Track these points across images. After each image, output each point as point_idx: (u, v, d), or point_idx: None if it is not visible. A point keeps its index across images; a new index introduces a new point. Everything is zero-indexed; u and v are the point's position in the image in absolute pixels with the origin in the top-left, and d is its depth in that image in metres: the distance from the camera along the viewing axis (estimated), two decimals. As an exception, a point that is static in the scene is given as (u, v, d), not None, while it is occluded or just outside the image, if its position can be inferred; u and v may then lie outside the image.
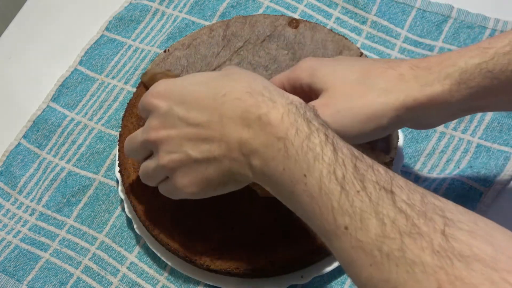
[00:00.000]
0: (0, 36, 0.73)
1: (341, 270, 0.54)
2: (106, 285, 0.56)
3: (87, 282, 0.57)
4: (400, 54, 0.65)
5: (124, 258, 0.57)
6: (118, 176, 0.57)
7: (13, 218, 0.61)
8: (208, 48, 0.59)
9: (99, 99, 0.66)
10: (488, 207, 0.56)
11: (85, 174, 0.62)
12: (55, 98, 0.67)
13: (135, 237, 0.58)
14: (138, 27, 0.70)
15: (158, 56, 0.60)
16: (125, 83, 0.67)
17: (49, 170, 0.63)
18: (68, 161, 0.63)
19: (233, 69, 0.44)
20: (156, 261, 0.57)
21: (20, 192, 0.62)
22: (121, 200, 0.60)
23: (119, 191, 0.58)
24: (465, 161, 0.58)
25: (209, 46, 0.59)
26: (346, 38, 0.59)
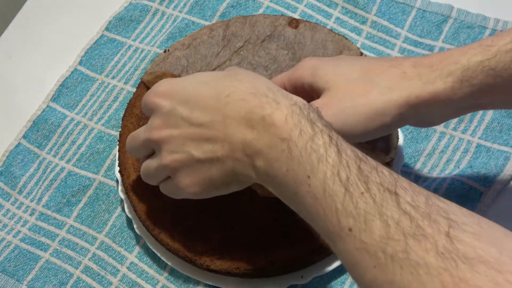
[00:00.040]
0: (0, 36, 0.73)
1: (341, 270, 0.54)
2: (106, 285, 0.56)
3: (87, 282, 0.57)
4: (400, 54, 0.65)
5: (124, 258, 0.57)
6: (118, 176, 0.57)
7: (13, 218, 0.61)
8: (208, 48, 0.59)
9: (99, 99, 0.66)
10: (488, 207, 0.56)
11: (85, 174, 0.62)
12: (55, 98, 0.67)
13: (135, 237, 0.58)
14: (138, 27, 0.70)
15: (158, 56, 0.60)
16: (125, 83, 0.67)
17: (49, 170, 0.63)
18: (68, 161, 0.63)
19: (236, 70, 0.44)
20: (156, 261, 0.57)
21: (20, 192, 0.62)
22: (121, 200, 0.60)
23: (119, 191, 0.58)
24: (465, 161, 0.58)
25: (209, 46, 0.59)
26: (346, 38, 0.59)
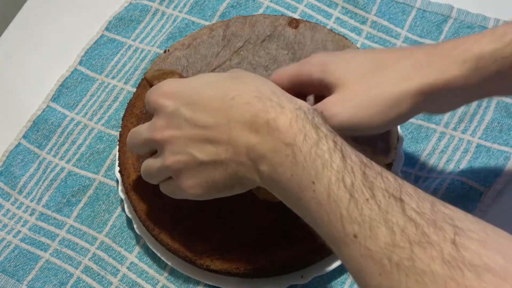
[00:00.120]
0: (0, 36, 0.73)
1: (341, 270, 0.54)
2: (106, 285, 0.56)
3: (87, 282, 0.57)
4: (400, 54, 0.65)
5: (124, 258, 0.57)
6: (118, 176, 0.57)
7: (13, 218, 0.61)
8: (208, 48, 0.59)
9: (99, 99, 0.66)
10: (488, 207, 0.56)
11: (85, 174, 0.62)
12: (55, 98, 0.67)
13: (135, 237, 0.58)
14: (138, 27, 0.70)
15: (158, 57, 0.60)
16: (125, 83, 0.67)
17: (49, 170, 0.63)
18: (68, 161, 0.63)
19: (241, 72, 0.44)
20: (156, 261, 0.57)
21: (20, 192, 0.62)
22: (121, 200, 0.60)
23: (119, 191, 0.58)
24: (465, 161, 0.58)
25: (209, 46, 0.59)
26: (346, 38, 0.59)
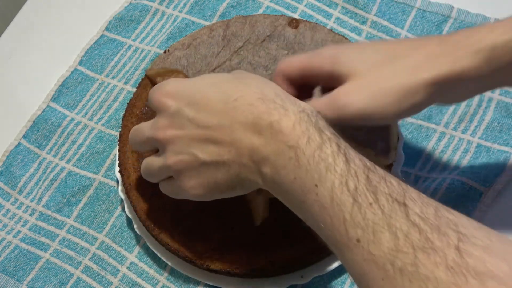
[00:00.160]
0: (0, 36, 0.73)
1: (341, 270, 0.54)
2: (106, 285, 0.56)
3: (87, 282, 0.57)
4: (400, 54, 0.65)
5: (124, 258, 0.57)
6: (118, 176, 0.57)
7: (13, 218, 0.61)
8: (208, 48, 0.59)
9: (99, 99, 0.66)
10: (488, 207, 0.56)
11: (85, 174, 0.62)
12: (55, 98, 0.67)
13: (135, 237, 0.58)
14: (138, 27, 0.70)
15: (159, 57, 0.60)
16: (125, 83, 0.67)
17: (49, 170, 0.63)
18: (68, 161, 0.63)
19: (244, 74, 0.44)
20: (156, 261, 0.57)
21: (20, 192, 0.62)
22: (121, 200, 0.60)
23: (119, 191, 0.58)
24: (465, 161, 0.58)
25: (209, 46, 0.59)
26: (346, 38, 0.59)
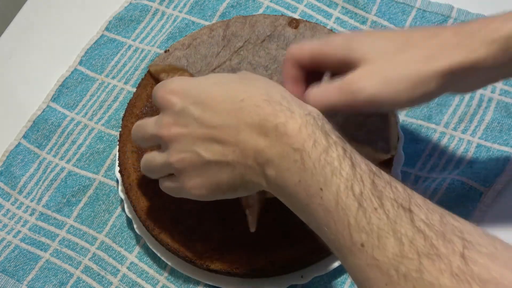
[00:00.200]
0: (0, 36, 0.73)
1: (341, 270, 0.54)
2: (106, 285, 0.56)
3: (87, 282, 0.57)
4: (400, 54, 0.65)
5: (124, 258, 0.57)
6: (118, 176, 0.57)
7: (13, 218, 0.61)
8: (208, 48, 0.59)
9: (99, 99, 0.66)
10: (488, 207, 0.56)
11: (85, 174, 0.62)
12: (55, 98, 0.67)
13: (135, 237, 0.58)
14: (138, 27, 0.70)
15: (158, 57, 0.60)
16: (125, 83, 0.67)
17: (49, 170, 0.63)
18: (68, 161, 0.63)
19: (251, 75, 0.43)
20: (156, 261, 0.57)
21: (20, 192, 0.62)
22: (121, 200, 0.60)
23: (119, 191, 0.58)
24: (465, 161, 0.58)
25: (209, 46, 0.59)
26: (346, 38, 0.58)
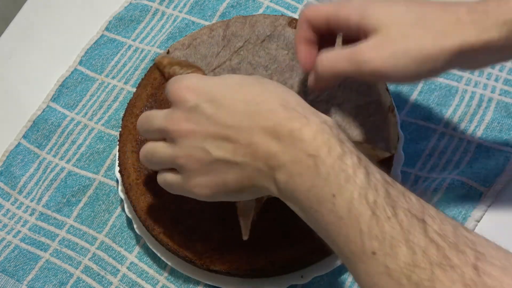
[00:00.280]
0: (0, 36, 0.73)
1: (341, 270, 0.54)
2: (106, 285, 0.56)
3: (87, 282, 0.57)
4: (400, 54, 0.65)
5: (124, 258, 0.57)
6: (118, 176, 0.57)
7: (13, 218, 0.61)
8: (208, 48, 0.59)
9: (99, 99, 0.66)
10: (488, 207, 0.56)
11: (85, 174, 0.62)
12: (55, 98, 0.67)
13: (135, 237, 0.58)
14: (138, 27, 0.70)
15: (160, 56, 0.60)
16: (125, 83, 0.67)
17: (49, 170, 0.63)
18: (68, 161, 0.63)
19: (266, 79, 0.43)
20: (156, 261, 0.57)
21: (20, 192, 0.62)
22: (121, 200, 0.60)
23: (119, 191, 0.58)
24: (465, 161, 0.58)
25: (209, 46, 0.59)
26: (346, 38, 0.58)
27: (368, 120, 0.54)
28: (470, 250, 0.31)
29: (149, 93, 0.59)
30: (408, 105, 0.61)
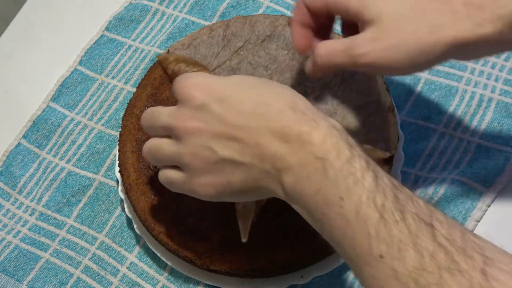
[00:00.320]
0: (0, 36, 0.73)
1: (341, 270, 0.54)
2: (106, 285, 0.56)
3: (87, 282, 0.57)
4: (400, 54, 0.65)
5: (124, 258, 0.57)
6: (118, 176, 0.57)
7: (13, 218, 0.61)
8: (208, 48, 0.59)
9: (99, 99, 0.66)
10: (488, 207, 0.56)
11: (85, 174, 0.62)
12: (55, 98, 0.67)
13: (135, 237, 0.58)
14: (138, 27, 0.70)
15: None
16: (125, 83, 0.67)
17: (49, 170, 0.63)
18: (68, 161, 0.63)
19: (275, 82, 0.43)
20: (156, 261, 0.57)
21: (20, 192, 0.62)
22: (121, 200, 0.60)
23: (119, 191, 0.58)
24: (465, 161, 0.58)
25: (209, 46, 0.59)
26: (346, 38, 0.58)
27: (368, 120, 0.54)
28: (478, 255, 0.31)
29: (149, 93, 0.59)
30: (408, 105, 0.61)
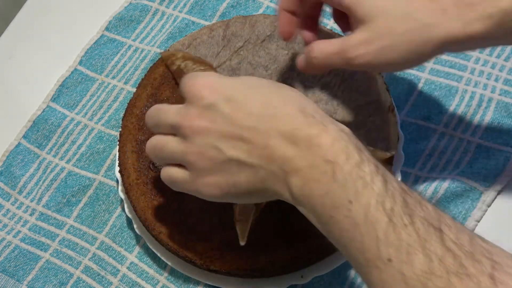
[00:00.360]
0: (0, 36, 0.73)
1: (341, 270, 0.54)
2: (106, 285, 0.56)
3: (87, 282, 0.57)
4: (400, 54, 0.65)
5: (124, 258, 0.57)
6: (118, 176, 0.57)
7: (13, 218, 0.61)
8: (208, 48, 0.59)
9: (99, 99, 0.66)
10: (488, 207, 0.56)
11: (85, 174, 0.62)
12: (55, 98, 0.67)
13: (135, 237, 0.58)
14: (138, 27, 0.70)
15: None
16: (125, 83, 0.67)
17: (49, 170, 0.63)
18: (68, 161, 0.63)
19: (284, 85, 0.43)
20: (156, 261, 0.57)
21: (20, 192, 0.62)
22: (121, 200, 0.60)
23: (119, 191, 0.58)
24: (465, 161, 0.58)
25: (209, 46, 0.59)
26: (346, 38, 0.58)
27: (368, 120, 0.54)
28: (486, 260, 0.31)
29: (149, 93, 0.59)
30: (408, 105, 0.61)
